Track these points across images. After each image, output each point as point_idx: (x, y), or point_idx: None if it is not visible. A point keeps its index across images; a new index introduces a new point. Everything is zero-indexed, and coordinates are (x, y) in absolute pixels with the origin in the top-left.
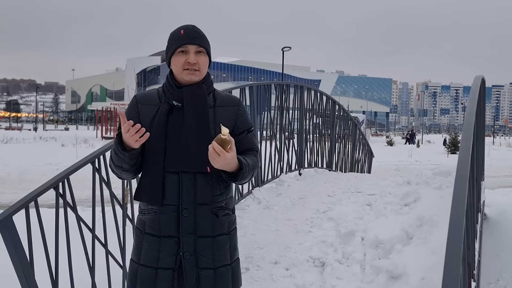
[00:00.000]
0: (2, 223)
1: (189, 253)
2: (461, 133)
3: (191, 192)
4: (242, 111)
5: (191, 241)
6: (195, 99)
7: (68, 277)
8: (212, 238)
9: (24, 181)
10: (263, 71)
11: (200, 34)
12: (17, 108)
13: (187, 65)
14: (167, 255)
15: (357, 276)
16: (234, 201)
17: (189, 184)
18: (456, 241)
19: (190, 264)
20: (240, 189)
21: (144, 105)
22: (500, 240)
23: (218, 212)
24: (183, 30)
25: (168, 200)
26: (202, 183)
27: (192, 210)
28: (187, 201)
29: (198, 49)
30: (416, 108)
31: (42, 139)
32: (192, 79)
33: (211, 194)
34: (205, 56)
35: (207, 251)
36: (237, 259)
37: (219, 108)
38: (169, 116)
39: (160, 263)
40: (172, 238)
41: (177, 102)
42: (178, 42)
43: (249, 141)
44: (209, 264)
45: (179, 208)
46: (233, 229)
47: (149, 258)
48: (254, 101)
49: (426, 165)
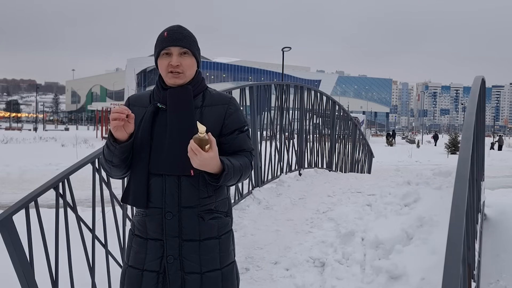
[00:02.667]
0: (2, 223)
1: (173, 257)
2: (461, 133)
3: (175, 195)
4: (232, 109)
5: (176, 245)
6: (179, 101)
7: (68, 277)
8: (199, 242)
9: (24, 181)
10: (263, 71)
11: (184, 35)
12: (17, 108)
13: (170, 68)
14: (152, 257)
15: (357, 276)
16: (230, 204)
17: (173, 186)
18: (456, 241)
19: (175, 268)
20: (240, 189)
21: (135, 107)
22: (500, 240)
23: (205, 215)
24: (166, 32)
25: (153, 202)
26: (187, 185)
27: (176, 213)
28: (170, 204)
29: (182, 51)
30: (416, 108)
31: (42, 139)
32: (176, 82)
33: (197, 197)
34: (190, 58)
35: (193, 255)
36: (230, 264)
37: (206, 108)
38: (155, 118)
39: (146, 265)
40: (157, 241)
41: (161, 104)
42: (162, 45)
43: (241, 142)
44: (195, 268)
45: (163, 210)
46: (225, 233)
47: (136, 259)
48: (254, 101)
49: (426, 166)
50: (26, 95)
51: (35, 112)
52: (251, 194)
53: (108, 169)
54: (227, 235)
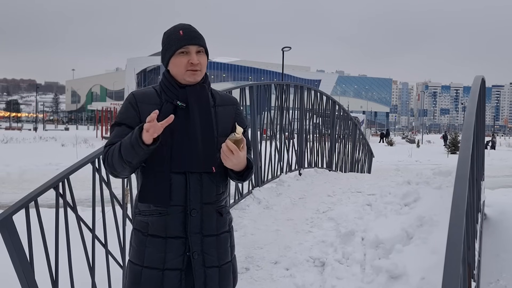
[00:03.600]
0: (2, 223)
1: (197, 252)
2: (461, 133)
3: (198, 192)
4: (239, 110)
5: (199, 241)
6: (200, 99)
7: (68, 277)
8: (216, 237)
9: (24, 181)
10: (263, 71)
11: (198, 34)
12: (17, 108)
13: (190, 66)
14: (173, 256)
15: (357, 276)
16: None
17: (196, 184)
18: (456, 241)
19: (199, 264)
20: (240, 189)
21: (144, 104)
22: (500, 240)
23: (222, 211)
24: (182, 31)
25: (174, 200)
26: (208, 182)
27: (199, 209)
28: (194, 201)
29: (199, 49)
30: (416, 108)
31: (42, 139)
32: (196, 79)
33: (215, 193)
34: (205, 56)
35: (212, 250)
36: (234, 255)
37: (219, 107)
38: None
39: (167, 264)
40: (179, 239)
41: (181, 102)
42: (179, 43)
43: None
44: (214, 262)
45: (187, 208)
46: (232, 227)
47: (154, 259)
48: (254, 101)
49: (426, 165)
50: (26, 95)
51: (35, 112)
52: (251, 194)
53: (121, 169)
54: (233, 229)
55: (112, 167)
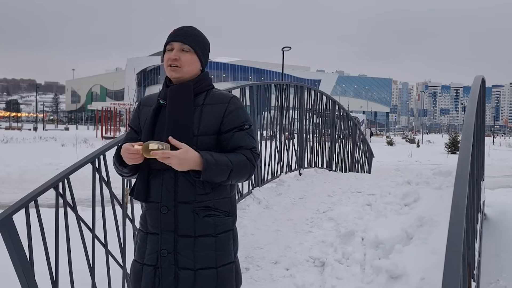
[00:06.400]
0: (2, 223)
1: (167, 251)
2: (461, 133)
3: (171, 190)
4: (231, 108)
5: (171, 239)
6: (178, 97)
7: (68, 277)
8: (194, 238)
9: (24, 181)
10: (263, 71)
11: (188, 33)
12: (17, 108)
13: (170, 61)
14: (150, 251)
15: (357, 276)
16: (234, 204)
17: (169, 181)
18: (456, 241)
19: (168, 262)
20: (240, 189)
21: (145, 107)
22: (500, 240)
23: (200, 212)
24: (174, 29)
25: (152, 197)
26: (184, 181)
27: (172, 207)
28: (166, 198)
29: (182, 47)
30: (416, 108)
31: (42, 139)
32: (173, 75)
33: (193, 193)
34: (191, 55)
35: (188, 251)
36: (228, 264)
37: (206, 106)
38: (158, 115)
39: (146, 259)
40: (155, 235)
41: (163, 100)
42: (167, 40)
43: (238, 139)
44: (189, 264)
45: (160, 205)
46: (223, 232)
47: (139, 253)
48: (254, 101)
49: (426, 165)
50: (26, 94)
51: (35, 111)
52: (251, 194)
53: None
54: (226, 235)
55: (116, 168)
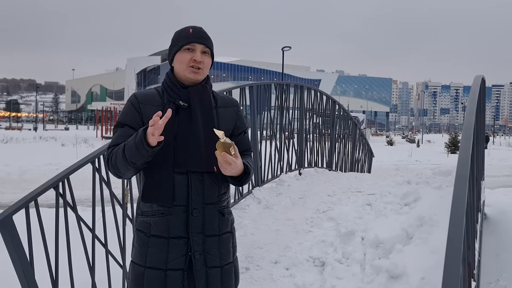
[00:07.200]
0: (2, 223)
1: (198, 252)
2: (461, 132)
3: (199, 192)
4: (240, 112)
5: (200, 241)
6: (201, 98)
7: (68, 277)
8: (218, 237)
9: (24, 181)
10: (263, 71)
11: (207, 36)
12: (17, 108)
13: (193, 63)
14: (176, 256)
15: (357, 276)
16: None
17: (197, 184)
18: (456, 241)
19: (200, 264)
20: (240, 189)
21: (147, 105)
22: (500, 240)
23: (224, 211)
24: (192, 29)
25: (177, 200)
26: (209, 182)
27: (201, 209)
28: (196, 201)
29: (204, 50)
30: (416, 107)
31: (42, 139)
32: (196, 77)
33: (217, 194)
34: (209, 58)
35: (214, 250)
36: (236, 256)
37: (221, 109)
38: (175, 116)
39: (170, 264)
40: (181, 239)
41: (183, 102)
42: (186, 40)
43: (246, 142)
44: (216, 262)
45: (188, 208)
46: (234, 227)
47: (156, 260)
48: (254, 101)
49: (426, 165)
50: (26, 94)
51: (35, 111)
52: (251, 194)
53: (125, 171)
54: (234, 230)
55: (116, 168)
